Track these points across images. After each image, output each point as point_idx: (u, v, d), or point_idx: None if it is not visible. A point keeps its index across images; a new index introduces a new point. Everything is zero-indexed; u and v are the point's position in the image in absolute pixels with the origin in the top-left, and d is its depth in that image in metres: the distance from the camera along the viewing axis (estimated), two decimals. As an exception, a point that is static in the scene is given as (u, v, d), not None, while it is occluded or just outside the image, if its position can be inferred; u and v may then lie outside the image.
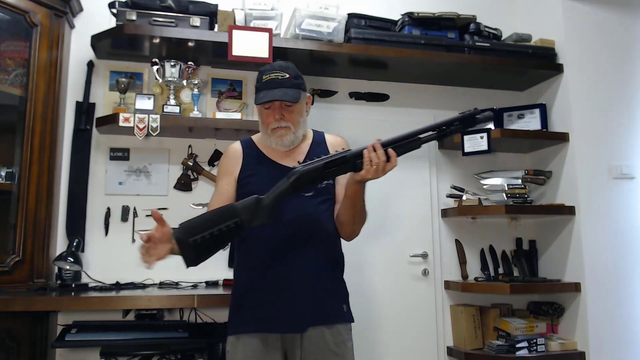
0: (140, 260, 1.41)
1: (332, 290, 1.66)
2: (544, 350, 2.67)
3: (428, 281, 2.97)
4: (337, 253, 1.72)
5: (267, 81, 1.66)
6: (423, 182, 3.05)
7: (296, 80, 1.68)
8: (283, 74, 1.66)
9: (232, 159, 1.76)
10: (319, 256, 1.64)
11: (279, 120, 1.66)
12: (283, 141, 1.68)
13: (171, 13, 2.52)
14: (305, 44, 2.62)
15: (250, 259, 1.67)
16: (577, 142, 2.85)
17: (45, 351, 2.11)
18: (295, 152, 1.72)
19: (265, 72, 1.68)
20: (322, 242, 1.66)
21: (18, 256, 2.20)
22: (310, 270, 1.61)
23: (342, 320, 1.65)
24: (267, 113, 1.68)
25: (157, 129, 2.46)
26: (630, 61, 3.02)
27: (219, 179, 1.77)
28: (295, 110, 1.68)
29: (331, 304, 1.64)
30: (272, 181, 1.52)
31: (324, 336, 1.59)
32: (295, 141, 1.71)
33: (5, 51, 2.34)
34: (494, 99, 3.20)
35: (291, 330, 1.59)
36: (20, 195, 2.24)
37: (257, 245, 1.64)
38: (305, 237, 1.62)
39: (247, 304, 1.63)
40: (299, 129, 1.70)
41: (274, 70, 1.67)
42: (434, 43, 2.82)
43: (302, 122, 1.72)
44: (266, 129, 1.70)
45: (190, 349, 2.17)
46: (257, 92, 1.69)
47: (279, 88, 1.64)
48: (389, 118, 3.03)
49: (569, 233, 2.85)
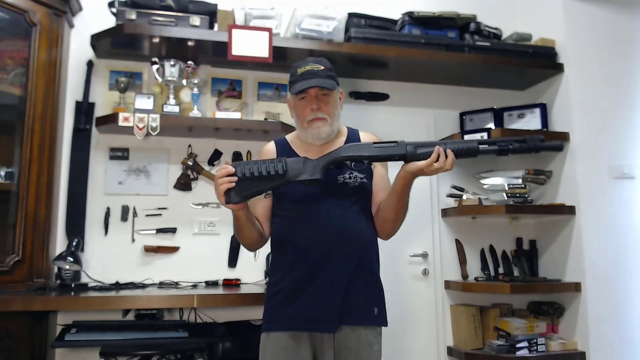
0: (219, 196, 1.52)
1: (363, 292, 1.65)
2: (544, 350, 2.67)
3: (428, 281, 2.96)
4: (370, 255, 1.72)
5: (302, 73, 1.67)
6: (423, 182, 3.04)
7: (330, 72, 1.70)
8: (318, 66, 1.68)
9: (266, 158, 1.75)
10: (351, 258, 1.64)
11: (315, 110, 1.67)
12: (320, 133, 1.68)
13: (171, 12, 2.51)
14: (305, 43, 2.62)
15: (283, 260, 1.68)
16: (577, 142, 2.85)
17: (45, 351, 2.10)
18: (329, 149, 1.69)
19: (299, 66, 1.70)
20: (354, 244, 1.65)
21: (18, 256, 2.19)
22: (341, 272, 1.62)
23: (371, 322, 1.65)
24: (302, 105, 1.69)
25: (156, 128, 2.45)
26: (630, 61, 3.02)
27: None
28: (331, 102, 1.69)
29: (361, 305, 1.64)
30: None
31: (349, 338, 1.60)
32: (331, 134, 1.71)
33: (4, 51, 2.34)
34: (494, 99, 3.20)
35: (320, 329, 1.60)
36: (20, 195, 2.24)
37: (291, 246, 1.66)
38: (337, 240, 1.62)
39: (280, 303, 1.64)
40: (334, 122, 1.71)
41: (309, 63, 1.70)
42: (434, 42, 2.82)
43: (337, 114, 1.73)
44: (302, 122, 1.70)
45: (190, 349, 2.17)
46: (292, 85, 1.70)
47: (315, 78, 1.65)
48: (389, 118, 3.03)
49: (569, 233, 2.84)
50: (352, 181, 1.67)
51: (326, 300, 1.60)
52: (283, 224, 1.69)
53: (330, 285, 1.60)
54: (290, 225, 1.66)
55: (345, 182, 1.66)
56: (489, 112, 3.08)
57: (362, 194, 1.70)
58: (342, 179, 1.67)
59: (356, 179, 1.67)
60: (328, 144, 1.72)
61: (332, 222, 1.62)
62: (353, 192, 1.67)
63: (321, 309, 1.60)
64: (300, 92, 1.66)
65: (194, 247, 2.63)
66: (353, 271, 1.63)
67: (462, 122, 3.12)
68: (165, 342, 2.11)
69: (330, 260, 1.61)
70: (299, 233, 1.63)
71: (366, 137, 1.80)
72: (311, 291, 1.60)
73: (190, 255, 2.62)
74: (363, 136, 1.80)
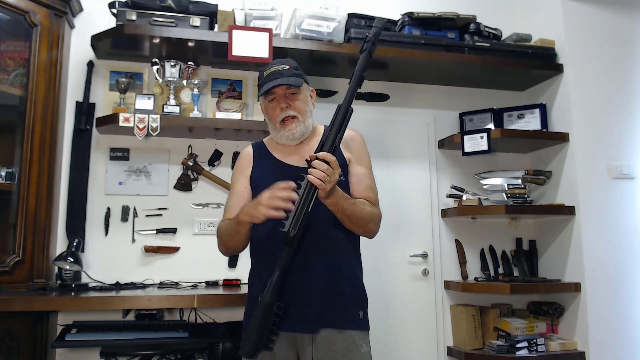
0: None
1: (346, 295, 1.64)
2: (544, 350, 2.67)
3: (428, 281, 2.97)
4: (351, 258, 1.70)
5: (268, 74, 1.68)
6: (423, 182, 3.05)
7: (296, 70, 1.70)
8: (283, 66, 1.69)
9: (244, 161, 1.79)
10: (333, 261, 1.62)
11: (285, 109, 1.67)
12: (294, 134, 1.68)
13: (171, 13, 2.52)
14: (305, 44, 2.62)
15: (260, 263, 1.67)
16: (577, 142, 2.85)
17: (45, 351, 2.10)
18: (304, 150, 1.69)
19: (265, 69, 1.71)
20: (335, 247, 1.64)
21: (18, 256, 2.20)
22: (323, 274, 1.60)
23: (357, 327, 1.64)
24: (272, 106, 1.69)
25: (157, 129, 2.46)
26: (630, 61, 3.02)
27: (234, 181, 1.80)
28: (300, 99, 1.69)
29: (345, 308, 1.63)
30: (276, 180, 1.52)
31: (334, 340, 1.59)
32: (306, 132, 1.71)
33: (5, 51, 2.34)
34: (494, 99, 3.20)
35: (302, 330, 1.59)
36: (20, 195, 2.24)
37: (271, 249, 1.61)
38: (318, 242, 1.61)
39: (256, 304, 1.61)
40: (307, 118, 1.71)
41: (274, 64, 1.71)
42: (434, 43, 2.82)
43: (308, 111, 1.72)
44: (275, 123, 1.70)
45: (190, 349, 2.17)
46: (260, 88, 1.70)
47: (280, 77, 1.66)
48: (389, 118, 3.04)
49: (569, 233, 2.85)
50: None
51: (308, 302, 1.58)
52: (260, 226, 1.62)
53: (312, 288, 1.58)
54: (267, 227, 1.60)
55: None
56: (489, 113, 3.08)
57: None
58: None
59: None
60: (303, 144, 1.72)
61: (313, 227, 1.58)
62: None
63: (304, 310, 1.58)
64: (267, 93, 1.67)
65: (194, 248, 2.63)
66: (334, 273, 1.62)
67: (462, 123, 3.12)
68: (166, 342, 2.11)
69: (309, 263, 1.59)
70: (276, 236, 1.55)
71: (349, 134, 1.71)
72: (294, 293, 1.58)
73: (191, 256, 2.62)
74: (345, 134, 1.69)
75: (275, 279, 1.51)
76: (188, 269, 2.58)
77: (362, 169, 1.74)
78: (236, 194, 1.75)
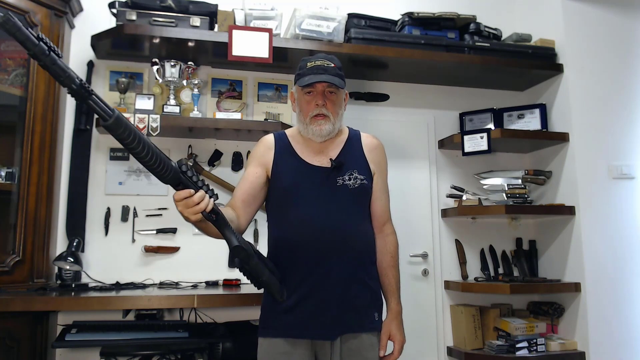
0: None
1: (363, 298, 1.63)
2: (544, 350, 2.67)
3: (428, 281, 2.97)
4: (370, 258, 1.69)
5: (312, 67, 1.65)
6: (423, 182, 3.05)
7: (340, 71, 1.68)
8: (328, 63, 1.66)
9: (265, 149, 1.73)
10: (350, 264, 1.61)
11: (321, 106, 1.65)
12: (322, 130, 1.66)
13: (171, 13, 2.52)
14: (305, 44, 2.62)
15: (279, 265, 1.63)
16: (577, 142, 2.85)
17: (45, 351, 2.11)
18: (329, 148, 1.70)
19: (310, 60, 1.68)
20: (352, 250, 1.62)
21: (18, 256, 2.20)
22: (339, 278, 1.59)
23: (372, 328, 1.64)
24: (308, 99, 1.67)
25: (157, 129, 2.46)
26: (630, 61, 3.02)
27: (248, 164, 1.74)
28: (337, 101, 1.68)
29: (362, 312, 1.63)
30: (298, 181, 1.55)
31: (352, 345, 1.60)
32: (332, 133, 1.69)
33: (5, 51, 2.35)
34: (493, 99, 3.20)
35: (320, 337, 1.59)
36: (20, 195, 2.24)
37: (287, 251, 1.62)
38: (335, 245, 1.59)
39: (277, 309, 1.61)
40: (337, 121, 1.69)
41: (319, 58, 1.68)
42: (434, 43, 2.82)
43: (340, 114, 1.71)
44: (305, 117, 1.68)
45: (190, 349, 2.17)
46: (300, 78, 1.67)
47: (325, 74, 1.63)
48: (389, 118, 3.04)
49: (569, 233, 2.85)
50: (351, 183, 1.65)
51: (325, 307, 1.57)
52: (280, 227, 1.65)
53: (327, 293, 1.58)
54: (287, 228, 1.62)
55: (345, 184, 1.64)
56: (489, 113, 3.08)
57: (362, 196, 1.68)
58: (341, 181, 1.64)
59: (356, 181, 1.65)
60: (328, 142, 1.71)
61: (329, 229, 1.58)
62: (353, 194, 1.65)
63: (318, 318, 1.57)
64: (307, 86, 1.64)
65: (194, 248, 2.63)
66: (351, 277, 1.61)
67: (462, 123, 3.12)
68: (166, 342, 2.11)
69: (327, 266, 1.58)
70: (296, 237, 1.59)
71: (367, 138, 1.79)
72: (310, 297, 1.58)
73: (191, 256, 2.62)
74: (364, 137, 1.79)
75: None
76: (188, 269, 2.58)
77: (381, 182, 1.75)
78: (244, 179, 1.69)
